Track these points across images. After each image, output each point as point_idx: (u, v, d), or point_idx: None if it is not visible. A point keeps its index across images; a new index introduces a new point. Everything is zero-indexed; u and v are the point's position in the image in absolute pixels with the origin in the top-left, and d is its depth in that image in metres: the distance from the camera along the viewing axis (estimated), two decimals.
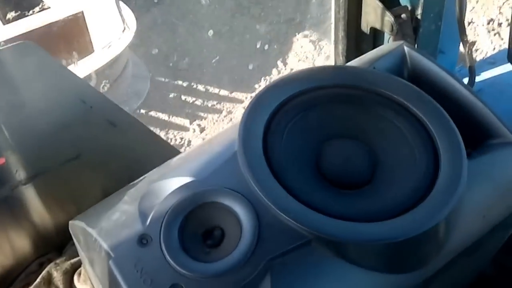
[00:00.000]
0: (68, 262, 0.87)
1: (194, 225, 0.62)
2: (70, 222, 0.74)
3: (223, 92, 2.98)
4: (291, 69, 3.11)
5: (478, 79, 1.32)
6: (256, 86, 3.05)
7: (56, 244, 0.95)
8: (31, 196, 0.89)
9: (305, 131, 0.70)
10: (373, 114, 0.72)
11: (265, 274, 0.58)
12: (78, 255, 0.88)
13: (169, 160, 0.75)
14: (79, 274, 0.85)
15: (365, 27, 1.09)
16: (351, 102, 0.72)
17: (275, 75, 3.10)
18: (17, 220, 0.90)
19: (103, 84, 2.38)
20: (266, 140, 0.67)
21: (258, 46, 3.12)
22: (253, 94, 2.96)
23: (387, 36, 1.04)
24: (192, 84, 2.99)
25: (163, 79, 2.97)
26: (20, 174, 0.84)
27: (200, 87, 2.98)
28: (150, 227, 0.62)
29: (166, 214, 0.62)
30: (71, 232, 0.75)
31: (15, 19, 3.21)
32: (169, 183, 0.67)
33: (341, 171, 0.69)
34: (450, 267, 0.72)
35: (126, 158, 0.92)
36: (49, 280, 0.85)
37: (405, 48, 0.81)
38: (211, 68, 3.07)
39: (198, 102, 2.91)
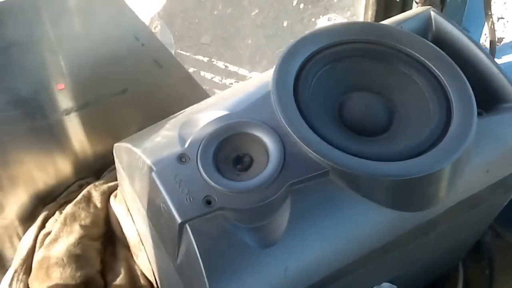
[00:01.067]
0: (106, 185, 0.96)
1: (227, 150, 0.71)
2: (115, 144, 0.83)
3: (242, 71, 3.06)
4: None
5: (499, 61, 1.37)
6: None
7: (94, 170, 1.04)
8: (76, 124, 0.98)
9: (331, 80, 0.78)
10: (395, 69, 0.79)
11: (286, 196, 0.67)
12: (114, 180, 0.98)
13: (207, 98, 0.84)
14: (115, 195, 0.94)
15: None
16: (376, 57, 0.80)
17: None
18: (61, 145, 1.00)
19: None
20: (297, 85, 0.75)
21: (284, 24, 3.19)
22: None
23: (415, 5, 1.12)
24: (213, 60, 3.05)
25: (184, 53, 3.04)
26: (71, 101, 0.93)
27: (220, 64, 3.04)
28: (189, 148, 0.70)
29: (204, 138, 0.71)
30: (114, 153, 0.84)
31: None
32: (207, 115, 0.76)
33: (360, 118, 0.76)
34: (451, 216, 0.80)
35: (166, 99, 1.01)
36: (88, 198, 0.94)
37: (431, 12, 0.87)
38: (233, 45, 3.13)
39: (217, 79, 2.97)
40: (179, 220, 0.64)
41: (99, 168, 1.04)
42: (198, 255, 0.63)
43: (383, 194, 0.71)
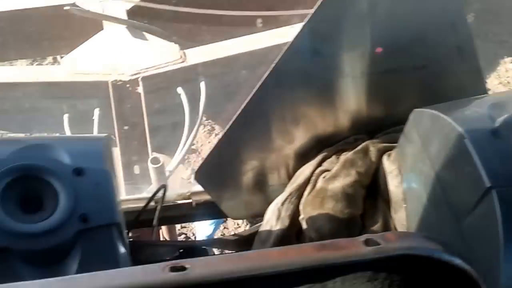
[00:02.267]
0: (382, 144, 1.02)
1: None
2: (415, 110, 0.88)
3: None
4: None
5: None
6: None
7: (367, 129, 1.10)
8: (368, 86, 1.05)
9: None
10: None
11: None
12: (388, 142, 1.03)
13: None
14: (389, 155, 1.00)
15: None
16: None
17: None
18: (346, 102, 1.07)
19: None
20: None
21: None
22: None
23: None
24: None
25: None
26: (377, 66, 1.00)
27: None
28: (502, 126, 0.73)
29: None
30: (411, 117, 0.89)
31: None
32: None
33: None
34: None
35: (452, 85, 1.03)
36: (366, 150, 1.01)
37: None
38: None
39: None
40: (487, 184, 0.67)
41: (372, 128, 1.10)
42: (499, 219, 0.66)
43: None
